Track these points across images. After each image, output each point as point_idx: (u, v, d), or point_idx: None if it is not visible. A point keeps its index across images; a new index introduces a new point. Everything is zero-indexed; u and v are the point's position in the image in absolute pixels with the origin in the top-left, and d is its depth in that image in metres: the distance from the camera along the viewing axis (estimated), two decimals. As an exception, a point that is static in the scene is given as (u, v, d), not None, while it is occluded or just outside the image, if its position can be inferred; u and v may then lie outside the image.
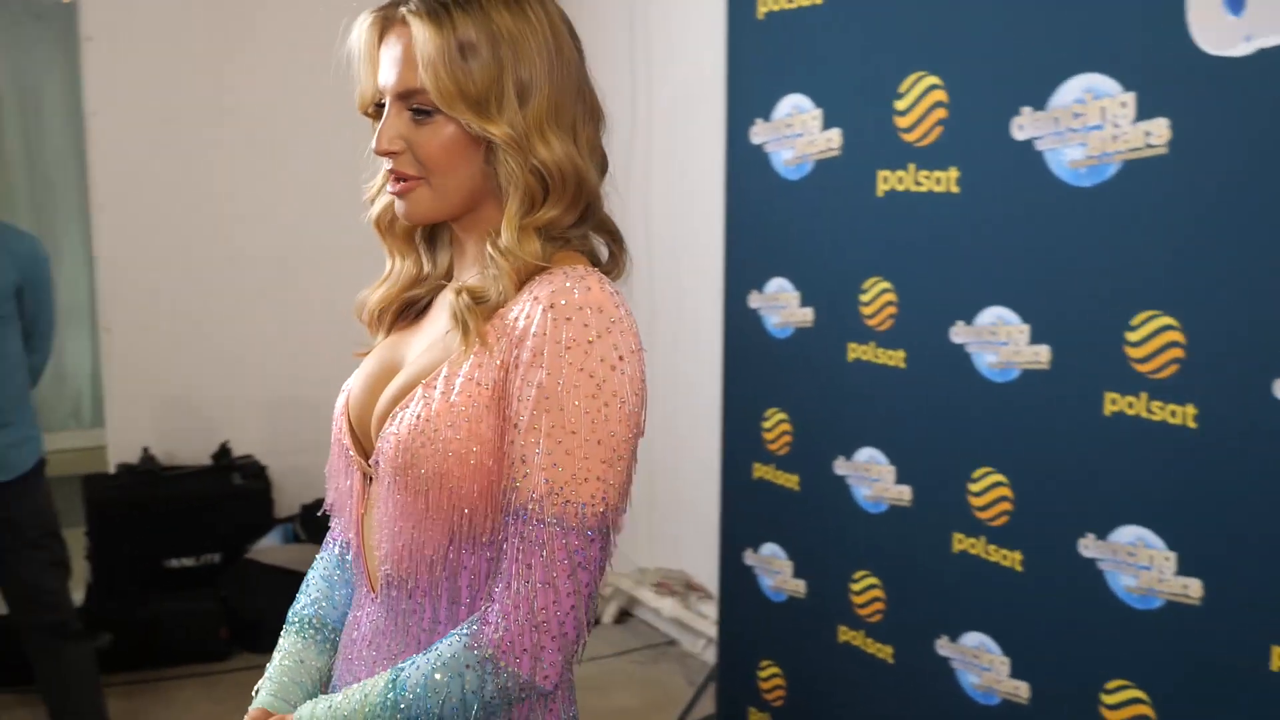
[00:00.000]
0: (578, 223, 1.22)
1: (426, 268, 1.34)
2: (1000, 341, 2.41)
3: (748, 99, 2.96)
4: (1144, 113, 2.12)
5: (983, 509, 2.49)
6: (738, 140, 2.99)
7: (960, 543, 2.54)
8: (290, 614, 1.43)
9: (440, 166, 1.18)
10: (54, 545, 3.04)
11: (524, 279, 1.18)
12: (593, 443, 1.12)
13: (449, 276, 1.33)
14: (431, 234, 1.34)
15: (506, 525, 1.15)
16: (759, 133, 2.92)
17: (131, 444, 4.21)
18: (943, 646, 2.61)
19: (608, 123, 1.27)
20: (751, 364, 3.07)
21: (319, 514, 1.46)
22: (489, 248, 1.19)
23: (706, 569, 3.83)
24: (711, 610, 3.71)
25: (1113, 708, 2.27)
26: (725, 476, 3.20)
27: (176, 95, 4.15)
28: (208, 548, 4.02)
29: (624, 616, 4.27)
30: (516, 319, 1.14)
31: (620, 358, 1.13)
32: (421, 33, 1.14)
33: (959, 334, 2.49)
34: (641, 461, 1.20)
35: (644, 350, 1.18)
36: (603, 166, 1.26)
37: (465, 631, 1.15)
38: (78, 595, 3.60)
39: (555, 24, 1.20)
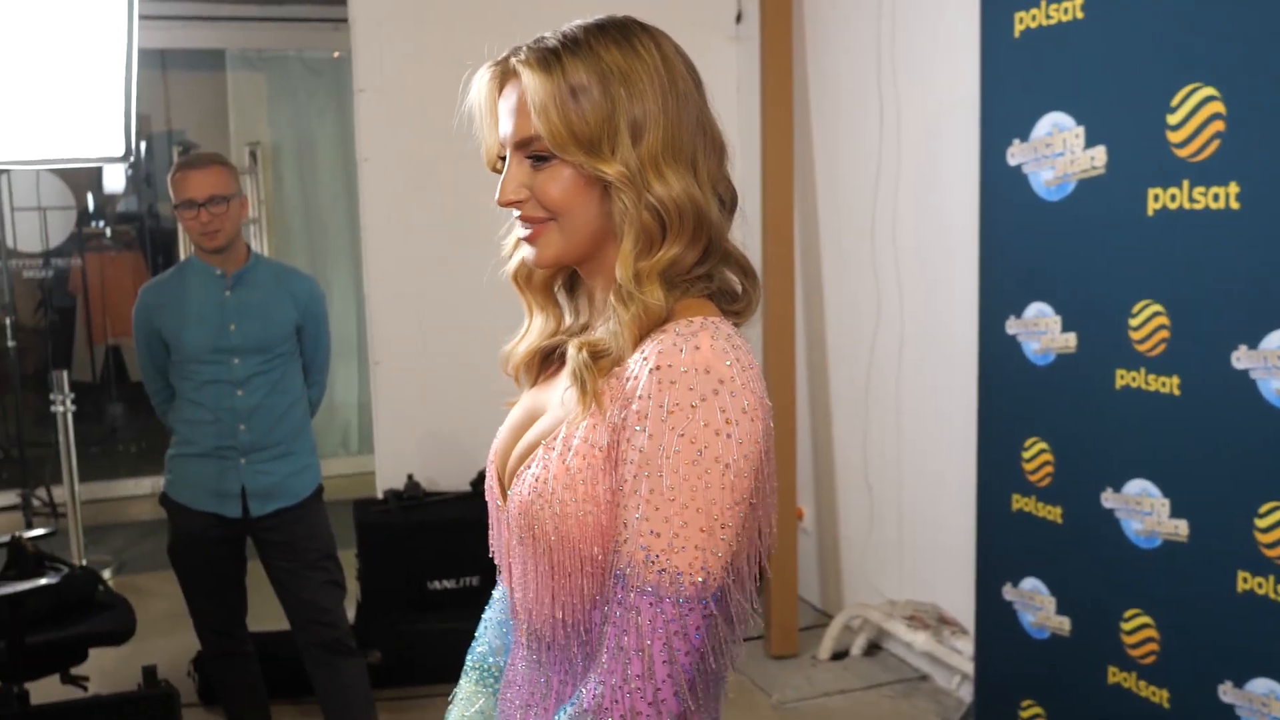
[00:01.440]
0: (700, 261, 1.18)
1: (568, 319, 1.31)
2: (1290, 366, 2.25)
3: (1004, 119, 2.88)
4: None
5: (1271, 546, 2.32)
6: (993, 161, 2.91)
7: (1246, 582, 2.37)
8: (469, 657, 1.45)
9: (563, 208, 1.17)
10: (330, 566, 3.22)
11: (645, 331, 1.14)
12: (691, 510, 1.07)
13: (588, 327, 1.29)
14: (572, 285, 1.32)
15: (611, 587, 1.12)
16: (1016, 153, 2.84)
17: (397, 470, 4.40)
18: (1226, 693, 2.44)
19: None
20: (1010, 391, 2.97)
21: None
22: (611, 296, 1.17)
23: (960, 602, 3.72)
24: (966, 645, 3.59)
25: None
26: (982, 508, 3.10)
27: (442, 141, 4.30)
28: (467, 570, 4.15)
29: (873, 649, 4.19)
30: (628, 380, 1.11)
31: (727, 421, 1.08)
32: (532, 80, 1.14)
33: (1242, 359, 2.34)
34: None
35: (765, 407, 1.12)
36: (729, 200, 1.21)
37: (569, 705, 1.14)
38: (350, 613, 3.80)
39: (669, 58, 1.17)
